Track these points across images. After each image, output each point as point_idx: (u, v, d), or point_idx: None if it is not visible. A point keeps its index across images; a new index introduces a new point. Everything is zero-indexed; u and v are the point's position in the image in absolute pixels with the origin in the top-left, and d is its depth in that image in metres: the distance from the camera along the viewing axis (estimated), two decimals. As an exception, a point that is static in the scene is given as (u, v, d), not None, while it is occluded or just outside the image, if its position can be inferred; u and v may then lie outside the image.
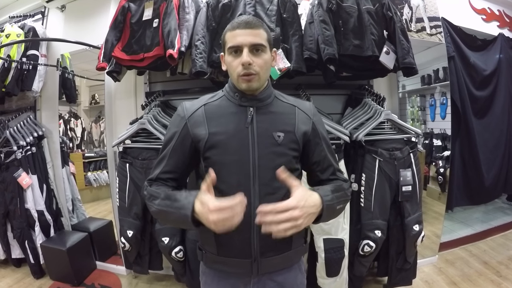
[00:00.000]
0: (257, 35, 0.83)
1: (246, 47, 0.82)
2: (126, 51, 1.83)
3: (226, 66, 0.88)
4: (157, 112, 1.98)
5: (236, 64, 0.83)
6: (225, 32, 0.86)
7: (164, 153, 0.90)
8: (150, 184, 0.89)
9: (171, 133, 0.90)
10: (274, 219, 0.70)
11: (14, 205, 2.28)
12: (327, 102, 2.17)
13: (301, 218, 0.72)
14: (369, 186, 1.79)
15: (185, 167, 0.91)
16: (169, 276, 2.24)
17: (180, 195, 0.80)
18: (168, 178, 0.89)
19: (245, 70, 0.82)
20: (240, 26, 0.83)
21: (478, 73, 2.69)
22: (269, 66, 0.88)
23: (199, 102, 0.92)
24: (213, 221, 0.69)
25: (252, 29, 0.82)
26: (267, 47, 0.85)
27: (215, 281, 0.92)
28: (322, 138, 0.94)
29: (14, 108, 2.62)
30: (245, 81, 0.84)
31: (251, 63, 0.82)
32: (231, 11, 1.76)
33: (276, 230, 0.70)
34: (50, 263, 2.30)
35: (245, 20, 0.84)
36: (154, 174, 0.90)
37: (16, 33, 2.35)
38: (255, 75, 0.83)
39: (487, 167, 2.72)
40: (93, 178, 2.93)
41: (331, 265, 1.73)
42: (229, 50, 0.84)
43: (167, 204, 0.81)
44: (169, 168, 0.89)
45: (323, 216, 0.80)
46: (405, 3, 2.32)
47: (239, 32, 0.82)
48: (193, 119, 0.88)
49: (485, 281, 2.12)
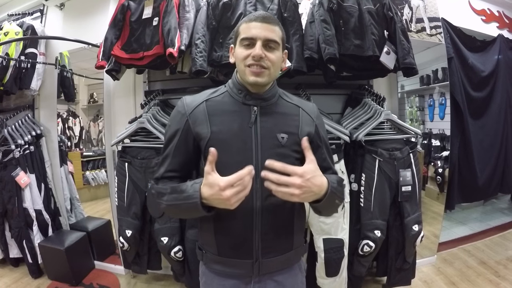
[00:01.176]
0: (272, 31, 0.82)
1: (260, 41, 0.80)
2: (125, 50, 1.82)
3: (235, 58, 0.86)
4: (156, 111, 1.97)
5: (246, 55, 0.82)
6: (240, 24, 0.85)
7: (168, 152, 0.89)
8: (156, 183, 0.88)
9: (173, 130, 0.88)
10: (276, 178, 0.71)
11: (12, 204, 2.27)
12: (327, 102, 2.17)
13: (301, 189, 0.73)
14: (369, 186, 1.79)
15: (190, 164, 0.90)
16: (168, 276, 2.23)
17: (186, 186, 0.79)
18: (172, 177, 0.89)
19: (255, 62, 0.80)
20: (257, 19, 0.81)
21: (476, 74, 2.69)
22: (279, 65, 0.87)
23: (200, 97, 0.90)
24: (227, 197, 0.70)
25: (269, 24, 0.81)
26: (280, 45, 0.84)
27: (215, 281, 0.91)
28: (323, 141, 0.94)
29: (12, 106, 2.60)
30: (254, 73, 0.81)
31: (262, 57, 0.80)
32: (231, 10, 1.75)
33: (274, 189, 0.72)
34: (48, 263, 2.29)
35: (262, 14, 0.83)
36: (159, 173, 0.89)
37: (14, 31, 2.33)
38: (266, 69, 0.82)
39: (481, 166, 2.73)
40: (92, 177, 2.92)
41: (330, 265, 1.73)
42: (241, 41, 0.83)
43: (175, 197, 0.80)
44: (173, 167, 0.88)
45: (323, 201, 0.79)
46: (405, 4, 2.33)
47: (255, 25, 0.81)
48: (195, 116, 0.86)
49: (483, 281, 2.13)
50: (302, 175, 0.72)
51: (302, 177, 0.72)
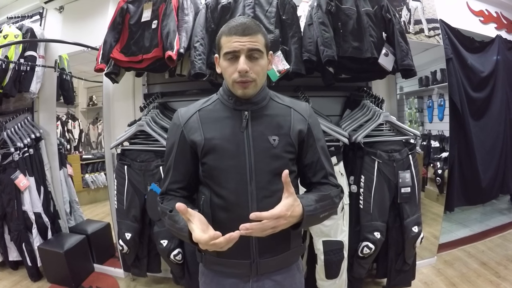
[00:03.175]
0: (255, 41, 0.81)
1: (243, 53, 0.80)
2: (124, 53, 1.83)
3: (221, 70, 0.87)
4: (155, 114, 1.97)
5: (232, 71, 0.82)
6: (221, 35, 0.84)
7: (169, 165, 0.92)
8: (162, 200, 0.91)
9: (171, 143, 0.92)
10: (262, 226, 0.72)
11: (11, 207, 2.27)
12: (326, 104, 2.17)
13: (283, 226, 0.75)
14: (368, 188, 1.79)
15: (192, 173, 0.92)
16: (167, 279, 2.23)
17: (179, 217, 0.80)
18: (177, 188, 0.91)
19: (241, 78, 0.81)
20: (237, 32, 0.80)
21: (476, 74, 2.70)
22: (265, 72, 0.87)
23: (193, 107, 0.92)
24: (205, 249, 0.73)
25: (249, 36, 0.80)
26: (264, 52, 0.84)
27: (214, 281, 0.92)
28: (317, 140, 0.93)
29: (11, 109, 2.60)
30: (241, 87, 0.83)
31: (247, 71, 0.80)
32: (230, 13, 1.76)
33: (257, 234, 0.73)
34: (47, 266, 2.28)
35: (242, 25, 0.81)
36: (164, 187, 0.93)
37: (14, 34, 2.33)
38: (251, 82, 0.83)
39: (484, 167, 2.73)
40: (91, 180, 2.91)
41: (330, 267, 1.72)
42: (225, 55, 0.83)
43: (171, 224, 0.84)
44: (176, 179, 0.91)
45: (302, 224, 0.81)
46: (403, 5, 2.33)
47: (236, 38, 0.80)
48: (189, 126, 0.89)
49: (484, 282, 2.13)
50: (285, 214, 0.75)
51: (284, 216, 0.75)
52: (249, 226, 0.70)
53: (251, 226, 0.71)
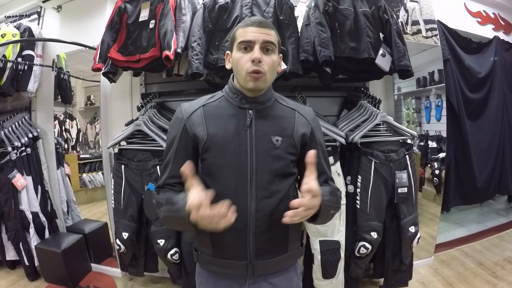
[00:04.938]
0: (269, 34, 0.84)
1: (258, 44, 0.82)
2: (122, 52, 1.83)
3: (233, 64, 0.87)
4: (153, 113, 1.97)
5: (246, 60, 0.82)
6: (237, 29, 0.87)
7: (168, 158, 0.90)
8: (158, 192, 0.89)
9: (172, 136, 0.90)
10: (308, 203, 0.73)
11: (8, 206, 2.26)
12: (323, 104, 2.17)
13: (314, 208, 0.75)
14: (365, 188, 1.79)
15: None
16: (164, 279, 2.23)
17: (178, 198, 0.79)
18: (175, 183, 0.88)
19: (254, 67, 0.81)
20: (253, 24, 0.83)
21: (473, 75, 2.71)
22: (276, 69, 0.88)
23: (197, 102, 0.92)
24: (201, 217, 0.69)
25: (265, 28, 0.83)
26: (277, 48, 0.86)
27: (210, 282, 0.92)
28: (319, 144, 0.94)
29: (9, 108, 2.59)
30: (253, 79, 0.82)
31: (261, 60, 0.81)
32: (227, 13, 1.76)
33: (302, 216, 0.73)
34: (44, 265, 2.28)
35: (258, 19, 0.85)
36: (161, 180, 0.90)
37: (11, 33, 2.33)
38: (263, 74, 0.83)
39: (480, 168, 2.74)
40: (88, 179, 2.91)
41: (327, 267, 1.73)
42: (239, 45, 0.84)
43: (168, 209, 0.81)
44: (174, 173, 0.87)
45: (320, 215, 0.80)
46: (401, 6, 2.34)
47: (251, 29, 0.83)
48: (192, 120, 0.87)
49: (481, 282, 2.13)
50: (317, 192, 0.74)
51: (318, 196, 0.74)
52: (293, 213, 0.71)
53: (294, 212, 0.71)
